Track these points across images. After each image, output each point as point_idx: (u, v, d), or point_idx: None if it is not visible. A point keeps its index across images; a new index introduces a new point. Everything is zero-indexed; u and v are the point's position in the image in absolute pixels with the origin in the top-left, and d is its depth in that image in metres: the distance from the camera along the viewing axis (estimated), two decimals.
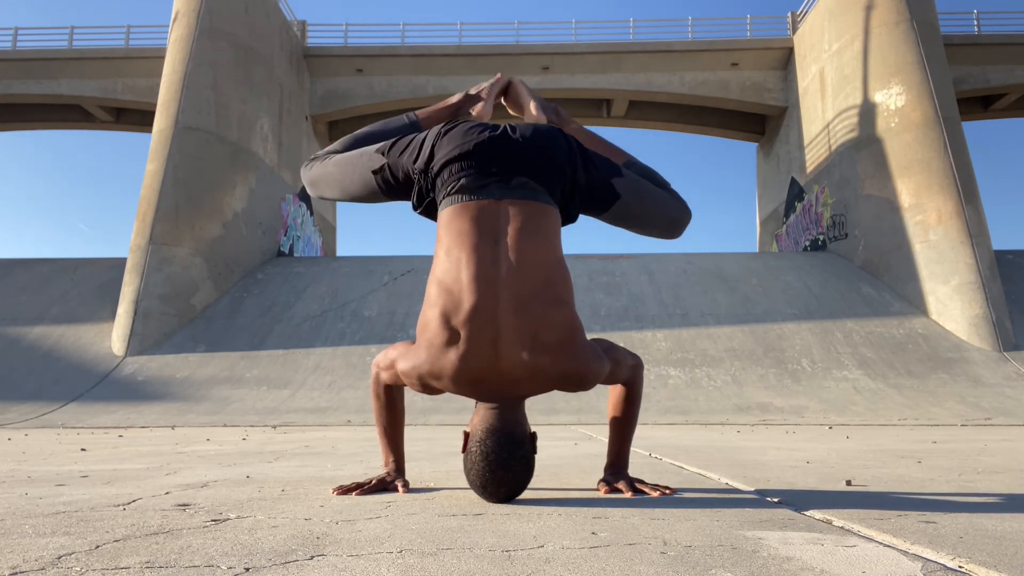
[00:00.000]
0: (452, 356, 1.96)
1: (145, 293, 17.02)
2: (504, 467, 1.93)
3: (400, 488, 2.28)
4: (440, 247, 2.09)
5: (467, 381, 1.99)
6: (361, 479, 2.42)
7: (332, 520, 1.71)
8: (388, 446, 2.39)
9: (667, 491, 2.19)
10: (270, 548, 1.37)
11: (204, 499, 2.13)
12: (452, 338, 1.96)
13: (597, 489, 2.30)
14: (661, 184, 2.42)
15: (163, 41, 22.34)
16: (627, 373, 2.25)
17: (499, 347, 1.95)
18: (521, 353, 1.95)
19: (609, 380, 2.21)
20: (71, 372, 15.53)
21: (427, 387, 2.08)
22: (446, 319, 1.97)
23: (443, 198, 2.15)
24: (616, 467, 2.33)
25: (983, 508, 1.93)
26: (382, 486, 2.29)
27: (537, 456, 3.84)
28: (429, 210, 2.24)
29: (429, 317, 2.01)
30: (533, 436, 2.05)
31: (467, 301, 1.95)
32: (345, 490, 2.23)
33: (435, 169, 2.15)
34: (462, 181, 2.11)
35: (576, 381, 2.04)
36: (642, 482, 2.27)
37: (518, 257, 2.01)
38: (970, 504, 2.01)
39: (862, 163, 19.45)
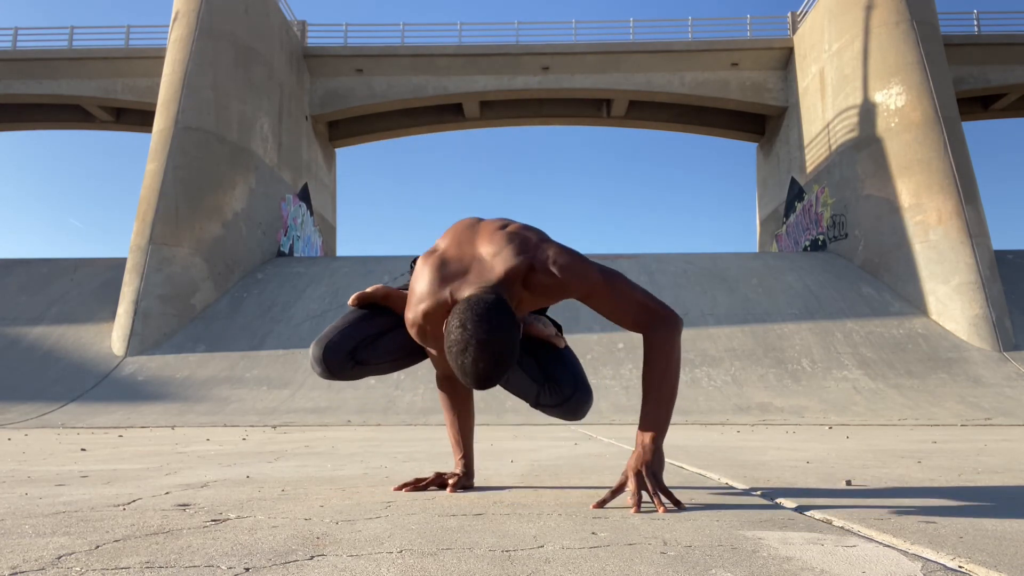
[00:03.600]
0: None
1: (145, 293, 17.02)
2: (481, 332, 1.72)
3: (449, 486, 2.29)
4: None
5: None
6: (361, 479, 2.42)
7: (332, 520, 1.71)
8: (452, 442, 2.43)
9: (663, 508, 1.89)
10: (270, 548, 1.37)
11: (204, 499, 2.13)
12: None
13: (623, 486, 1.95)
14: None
15: (163, 41, 22.34)
16: (640, 317, 2.00)
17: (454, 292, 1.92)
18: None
19: (617, 310, 2.00)
20: (71, 372, 15.53)
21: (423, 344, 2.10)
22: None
23: None
24: (642, 452, 1.92)
25: (983, 508, 1.93)
26: (439, 481, 2.35)
27: (537, 456, 3.82)
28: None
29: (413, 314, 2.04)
30: (521, 323, 1.99)
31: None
32: (401, 487, 2.31)
33: None
34: None
35: (546, 272, 1.92)
36: (667, 492, 1.89)
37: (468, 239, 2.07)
38: (970, 504, 2.01)
39: (862, 163, 19.45)
